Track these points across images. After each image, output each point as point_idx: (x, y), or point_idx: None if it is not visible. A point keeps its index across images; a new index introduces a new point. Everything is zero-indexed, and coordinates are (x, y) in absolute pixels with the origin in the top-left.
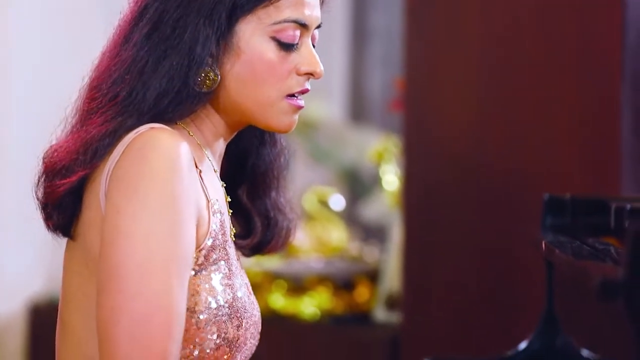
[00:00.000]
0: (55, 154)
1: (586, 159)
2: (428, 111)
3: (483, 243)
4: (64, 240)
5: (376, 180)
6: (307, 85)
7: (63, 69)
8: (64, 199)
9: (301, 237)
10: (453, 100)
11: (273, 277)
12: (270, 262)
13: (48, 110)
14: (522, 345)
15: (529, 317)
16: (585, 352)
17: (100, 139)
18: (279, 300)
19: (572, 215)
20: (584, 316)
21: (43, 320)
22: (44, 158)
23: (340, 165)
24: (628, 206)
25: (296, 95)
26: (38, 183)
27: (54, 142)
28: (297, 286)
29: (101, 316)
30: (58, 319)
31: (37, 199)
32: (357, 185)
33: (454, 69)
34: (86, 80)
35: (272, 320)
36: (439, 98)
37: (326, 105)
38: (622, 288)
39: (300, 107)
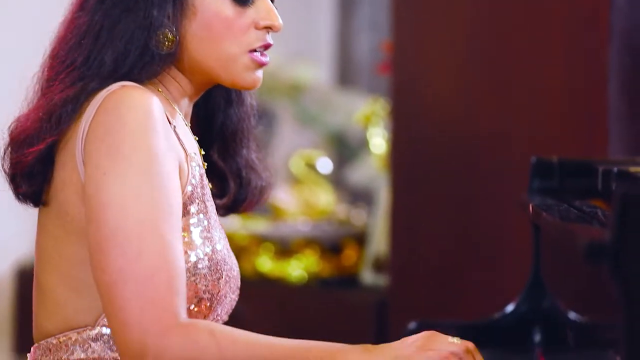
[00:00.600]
0: (20, 124)
1: (574, 122)
2: (415, 74)
3: (470, 206)
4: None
5: (364, 144)
6: (269, 40)
7: (27, 43)
8: (33, 167)
9: (288, 200)
10: (440, 63)
11: (260, 240)
12: (258, 226)
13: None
14: (509, 308)
15: (516, 280)
16: (572, 315)
17: (63, 105)
18: (266, 264)
19: (560, 178)
20: (571, 279)
21: (30, 283)
22: (8, 129)
23: (328, 128)
24: (615, 169)
25: (258, 50)
26: (4, 155)
27: (18, 114)
28: (285, 249)
29: (105, 280)
30: (34, 283)
31: (4, 171)
32: (345, 148)
33: (441, 31)
34: (47, 51)
35: (259, 284)
36: (426, 61)
37: (314, 68)
38: (608, 250)
39: (263, 64)
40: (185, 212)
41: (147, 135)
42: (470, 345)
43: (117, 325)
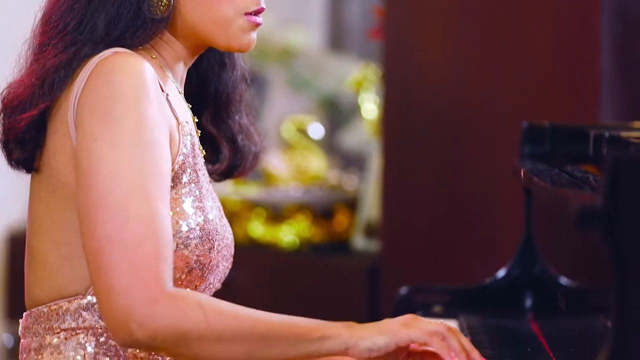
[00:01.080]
0: (12, 90)
1: (565, 88)
2: (407, 39)
3: (462, 172)
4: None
5: (355, 109)
6: (262, 4)
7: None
8: (25, 133)
9: (280, 166)
10: (432, 28)
11: (252, 205)
12: (249, 191)
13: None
14: (501, 272)
15: (508, 245)
16: (563, 280)
17: (55, 70)
18: (258, 229)
19: (551, 143)
20: (562, 244)
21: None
22: (1, 96)
23: (319, 93)
24: (606, 134)
25: (252, 13)
26: None
27: (10, 80)
28: (276, 215)
29: (92, 246)
30: (26, 250)
31: None
32: (336, 113)
33: None
34: (38, 15)
35: (251, 249)
36: (418, 26)
37: (305, 33)
38: (600, 215)
39: (258, 24)
40: (177, 182)
41: (139, 102)
42: (452, 326)
43: (103, 292)
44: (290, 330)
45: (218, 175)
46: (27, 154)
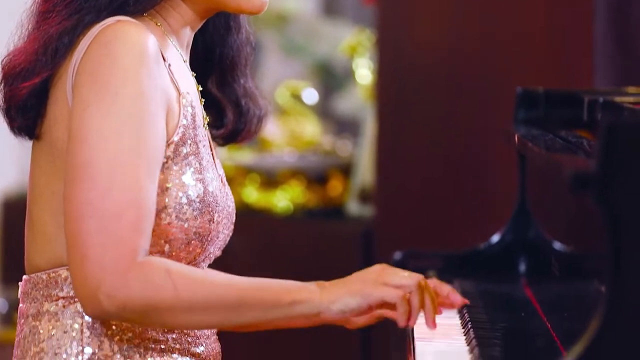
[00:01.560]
0: (14, 58)
1: (559, 58)
2: (401, 4)
3: (456, 137)
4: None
5: (349, 74)
6: None
7: None
8: (27, 101)
9: (274, 131)
10: None
11: (246, 171)
12: (244, 157)
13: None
14: (495, 238)
15: (502, 211)
16: (557, 245)
17: (59, 37)
18: (252, 194)
19: (545, 108)
20: (556, 209)
21: (16, 214)
22: (2, 63)
23: (314, 58)
24: (601, 99)
25: None
26: None
27: (10, 48)
28: (270, 180)
29: (70, 212)
30: (27, 217)
31: None
32: (331, 79)
33: None
34: None
35: (245, 214)
36: None
37: None
38: (594, 180)
39: None
40: (177, 154)
41: (138, 74)
42: (421, 278)
43: (76, 259)
44: (260, 296)
45: (222, 140)
46: (29, 121)
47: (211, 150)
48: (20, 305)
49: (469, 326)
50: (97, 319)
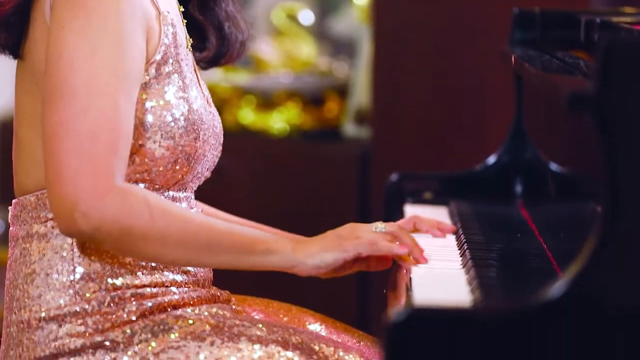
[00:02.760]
0: None
1: None
2: None
3: (453, 58)
4: None
5: None
6: None
7: None
8: (10, 17)
9: (270, 52)
10: None
11: (242, 92)
12: (239, 78)
13: None
14: (491, 159)
15: (498, 132)
16: (553, 166)
17: None
18: (249, 116)
19: (542, 29)
20: (552, 130)
21: (10, 134)
22: None
23: None
24: (598, 19)
25: None
26: None
27: None
28: (266, 101)
29: (47, 131)
30: (14, 137)
31: None
32: None
33: None
34: None
35: (241, 136)
36: None
37: None
38: (591, 100)
39: None
40: (159, 73)
41: None
42: (396, 229)
43: (53, 178)
44: (235, 240)
45: (205, 63)
46: (13, 38)
47: (195, 70)
48: (11, 228)
49: (465, 247)
50: (71, 237)
